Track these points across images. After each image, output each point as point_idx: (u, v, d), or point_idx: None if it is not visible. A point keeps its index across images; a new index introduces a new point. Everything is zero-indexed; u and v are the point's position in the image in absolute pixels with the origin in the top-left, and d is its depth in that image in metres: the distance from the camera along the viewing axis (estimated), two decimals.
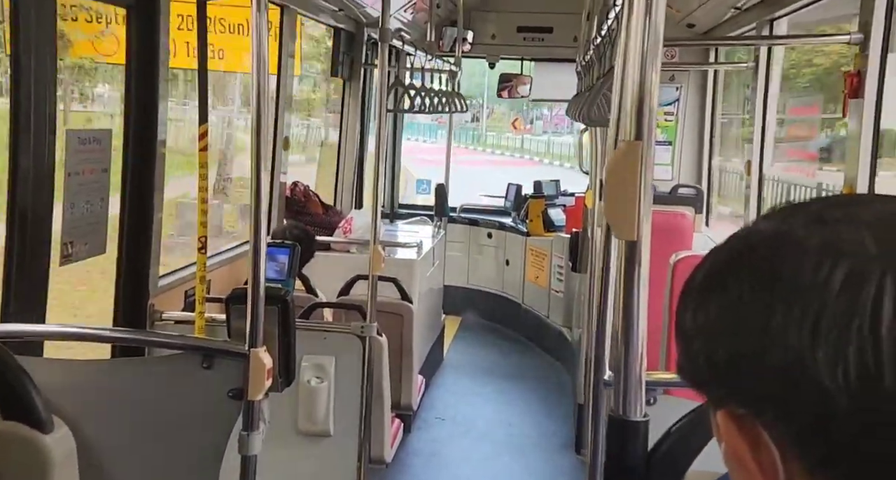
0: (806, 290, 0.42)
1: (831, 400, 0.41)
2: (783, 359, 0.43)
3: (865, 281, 0.41)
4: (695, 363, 0.48)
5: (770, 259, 0.45)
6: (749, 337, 0.44)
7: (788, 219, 0.46)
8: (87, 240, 2.01)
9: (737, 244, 0.48)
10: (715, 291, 0.47)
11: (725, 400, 0.47)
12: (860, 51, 2.03)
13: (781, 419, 0.44)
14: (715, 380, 0.47)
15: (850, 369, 0.41)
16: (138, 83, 2.30)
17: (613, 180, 0.78)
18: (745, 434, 0.46)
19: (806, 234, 0.44)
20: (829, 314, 0.42)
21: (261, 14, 1.47)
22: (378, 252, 2.66)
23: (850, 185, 2.05)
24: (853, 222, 0.44)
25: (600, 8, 2.45)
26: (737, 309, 0.45)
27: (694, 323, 0.48)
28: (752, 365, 0.44)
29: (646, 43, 0.76)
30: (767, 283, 0.44)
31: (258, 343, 1.52)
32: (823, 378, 0.41)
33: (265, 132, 1.52)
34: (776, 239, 0.46)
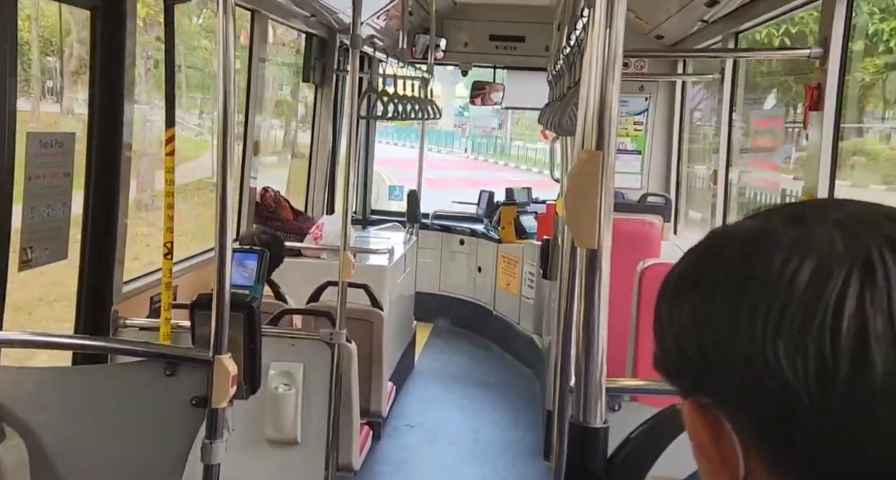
0: (773, 284, 0.43)
1: (791, 392, 0.42)
2: (747, 351, 0.43)
3: (830, 277, 0.42)
4: (668, 354, 0.49)
5: (743, 254, 0.46)
6: (717, 329, 0.45)
7: (768, 218, 0.48)
8: (48, 246, 1.96)
9: (714, 240, 0.49)
10: (690, 285, 0.48)
11: (693, 391, 0.48)
12: (820, 65, 2.08)
13: (743, 409, 0.45)
14: (684, 371, 0.48)
15: (810, 363, 0.42)
16: (103, 86, 2.27)
17: (575, 189, 0.79)
18: (709, 424, 0.47)
19: (782, 231, 0.45)
20: (793, 308, 0.42)
21: (227, 17, 1.46)
22: (348, 258, 2.65)
23: (811, 194, 2.10)
24: (826, 221, 0.45)
25: (569, 18, 2.48)
26: (708, 302, 0.46)
27: (669, 316, 0.49)
28: (719, 355, 0.45)
29: (606, 56, 0.77)
30: (738, 277, 0.45)
31: (223, 349, 1.50)
32: (784, 370, 0.42)
33: (231, 136, 1.51)
34: (753, 235, 0.47)
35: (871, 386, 0.41)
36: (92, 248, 2.31)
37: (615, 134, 0.81)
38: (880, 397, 0.41)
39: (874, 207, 0.47)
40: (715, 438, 0.47)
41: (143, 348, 1.68)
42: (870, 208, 0.47)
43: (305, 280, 3.44)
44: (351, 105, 2.74)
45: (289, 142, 6.33)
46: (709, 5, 3.24)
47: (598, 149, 0.79)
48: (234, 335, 1.57)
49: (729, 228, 0.49)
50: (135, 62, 2.34)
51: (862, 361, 0.41)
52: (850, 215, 0.45)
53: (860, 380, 0.41)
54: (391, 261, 4.18)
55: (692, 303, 0.47)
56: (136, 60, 2.35)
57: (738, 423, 0.45)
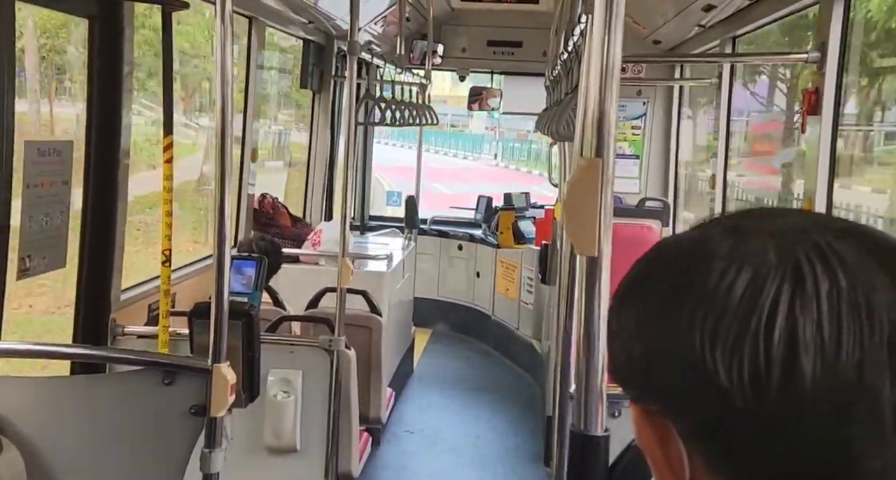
0: (711, 294, 0.45)
1: (727, 399, 0.44)
2: (687, 358, 0.45)
3: (764, 287, 0.44)
4: (618, 360, 0.51)
5: (684, 264, 0.48)
6: (660, 337, 0.47)
7: (710, 228, 0.49)
8: (46, 254, 1.96)
9: (660, 249, 0.51)
10: (636, 293, 0.50)
11: (640, 397, 0.50)
12: (818, 69, 2.09)
13: (685, 415, 0.47)
14: (632, 377, 0.50)
15: (745, 370, 0.43)
16: (101, 93, 2.26)
17: (574, 197, 0.79)
18: (656, 430, 0.48)
19: (720, 242, 0.47)
20: (729, 317, 0.44)
21: (224, 25, 1.46)
22: (346, 264, 2.65)
23: (810, 196, 2.10)
24: (761, 233, 0.47)
25: (567, 24, 2.49)
26: (651, 309, 0.48)
27: (618, 324, 0.51)
28: (662, 362, 0.47)
29: (604, 62, 0.77)
30: (679, 286, 0.47)
31: (221, 358, 1.49)
32: (721, 377, 0.44)
33: (229, 143, 1.51)
34: (694, 245, 0.49)
35: (801, 392, 0.42)
36: (90, 256, 2.30)
37: (614, 141, 0.81)
38: (810, 401, 0.42)
39: (808, 216, 0.49)
40: (662, 443, 0.48)
41: (142, 357, 1.68)
42: (804, 217, 0.48)
43: (304, 286, 3.44)
44: (349, 111, 2.74)
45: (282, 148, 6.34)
46: (706, 10, 3.25)
47: (598, 156, 0.79)
48: (233, 343, 1.56)
49: (674, 238, 0.51)
50: (132, 70, 2.34)
51: (792, 368, 0.42)
52: (783, 226, 0.47)
53: (791, 386, 0.43)
54: (390, 267, 4.17)
55: (637, 311, 0.49)
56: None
57: (682, 428, 0.47)
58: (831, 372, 0.42)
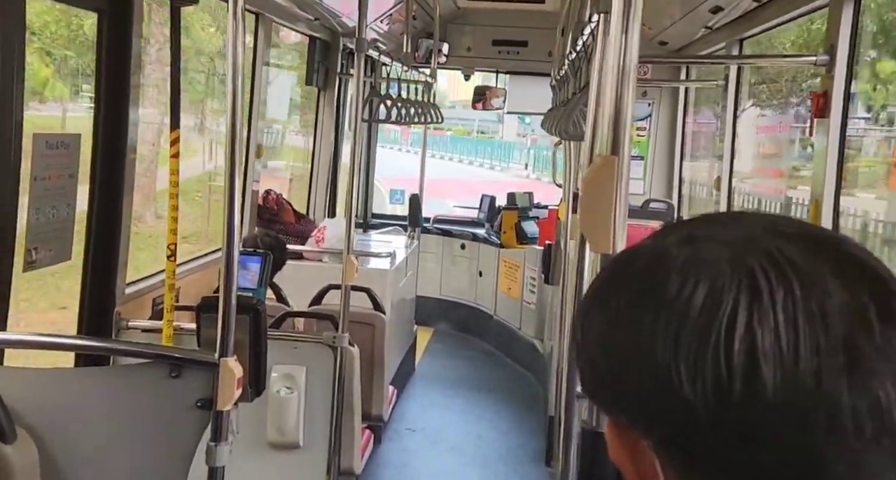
0: (670, 306, 0.45)
1: (692, 410, 0.44)
2: (650, 371, 0.46)
3: (722, 299, 0.44)
4: (583, 373, 0.51)
5: (643, 276, 0.48)
6: (623, 349, 0.47)
7: (665, 237, 0.49)
8: (52, 247, 1.96)
9: (620, 260, 0.51)
10: (599, 305, 0.50)
11: (609, 409, 0.50)
12: (826, 72, 2.08)
13: (653, 428, 0.47)
14: (599, 391, 0.50)
15: (707, 381, 0.44)
16: (109, 87, 2.27)
17: (589, 194, 0.79)
18: (626, 442, 0.49)
19: (675, 253, 0.47)
20: (689, 329, 0.45)
21: (237, 22, 1.46)
22: (351, 261, 2.65)
23: (817, 200, 2.10)
24: (715, 241, 0.47)
25: (574, 24, 2.48)
26: (614, 323, 0.48)
27: (583, 336, 0.51)
28: (625, 375, 0.47)
29: (621, 61, 0.77)
30: (639, 299, 0.47)
31: (229, 352, 1.50)
32: (684, 389, 0.44)
33: (239, 140, 1.51)
34: (652, 256, 0.49)
35: (763, 401, 0.43)
36: (96, 250, 2.31)
37: (630, 139, 0.81)
38: (772, 410, 0.43)
39: (760, 220, 0.49)
40: (633, 456, 0.48)
41: (150, 350, 1.68)
42: (755, 222, 0.48)
43: (307, 283, 3.44)
44: (355, 108, 2.74)
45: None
46: (713, 12, 3.25)
47: (614, 153, 0.79)
48: (240, 337, 1.57)
49: (631, 250, 0.51)
50: (140, 64, 2.34)
51: (753, 378, 0.43)
52: (735, 233, 0.47)
53: (753, 396, 0.43)
54: (393, 265, 4.18)
55: (600, 324, 0.49)
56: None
57: (651, 441, 0.47)
58: (791, 380, 0.42)
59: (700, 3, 3.26)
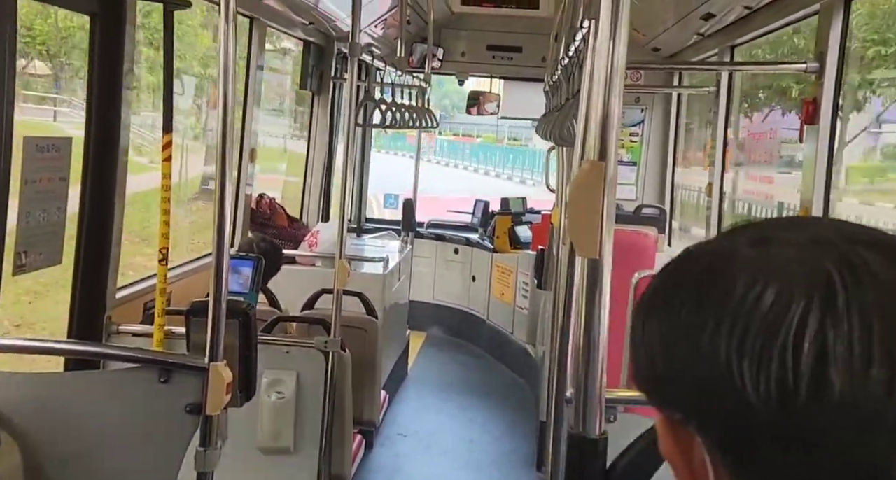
0: (737, 306, 0.45)
1: (753, 411, 0.44)
2: (712, 369, 0.45)
3: (793, 301, 0.44)
4: (641, 370, 0.51)
5: (709, 275, 0.47)
6: (684, 347, 0.47)
7: (736, 237, 0.49)
8: (42, 250, 1.95)
9: (684, 259, 0.51)
10: (660, 304, 0.50)
11: (665, 406, 0.50)
12: (816, 79, 2.10)
13: (709, 426, 0.46)
14: (656, 386, 0.50)
15: (772, 383, 0.43)
16: (101, 90, 2.26)
17: (577, 199, 0.79)
18: (679, 439, 0.48)
19: (746, 253, 0.47)
20: (756, 329, 0.44)
21: (228, 25, 1.46)
22: (344, 266, 2.65)
23: (806, 207, 2.11)
24: (789, 244, 0.46)
25: (567, 30, 2.50)
26: (676, 321, 0.48)
27: (642, 334, 0.50)
28: (686, 373, 0.47)
29: (609, 67, 0.78)
30: (704, 297, 0.47)
31: (218, 357, 1.49)
32: (747, 389, 0.44)
33: (231, 143, 1.51)
34: (719, 256, 0.48)
35: (829, 405, 0.42)
36: (87, 253, 2.30)
37: (616, 145, 0.82)
38: (837, 414, 0.42)
39: (836, 226, 0.48)
40: (685, 453, 0.48)
41: (139, 354, 1.67)
42: (831, 227, 0.48)
43: (300, 287, 3.43)
44: (349, 113, 2.75)
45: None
46: (705, 19, 3.27)
47: (601, 159, 0.80)
48: (230, 342, 1.56)
49: (698, 247, 0.51)
50: (133, 67, 2.34)
51: (821, 382, 0.42)
52: (811, 236, 0.46)
53: (819, 400, 0.42)
54: (386, 270, 4.17)
55: (661, 321, 0.49)
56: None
57: (706, 439, 0.47)
58: (861, 386, 0.42)
59: (692, 10, 3.28)
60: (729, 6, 2.91)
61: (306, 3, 3.65)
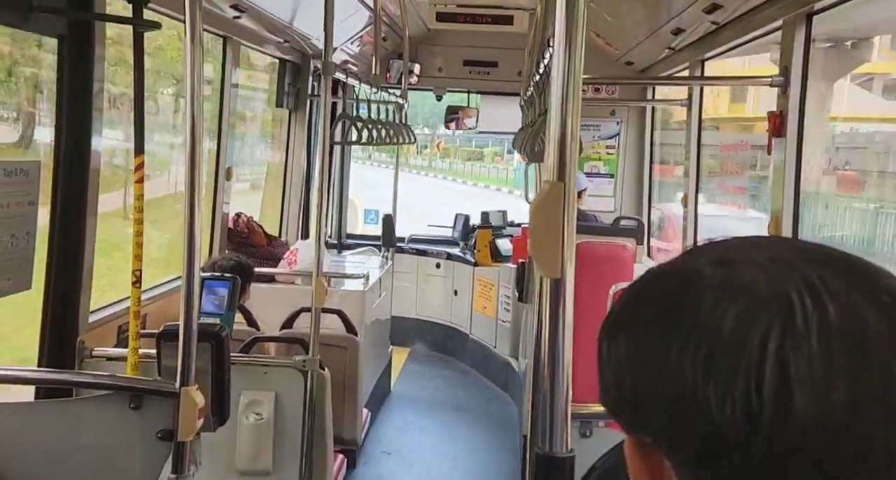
0: (702, 327, 0.45)
1: (720, 433, 0.43)
2: (678, 392, 0.45)
3: (755, 323, 0.43)
4: (607, 392, 0.50)
5: (674, 296, 0.47)
6: (650, 369, 0.46)
7: (698, 257, 0.49)
8: (10, 276, 1.92)
9: (649, 280, 0.51)
10: (625, 324, 0.49)
11: (632, 428, 0.49)
12: (782, 93, 2.13)
13: (677, 447, 0.46)
14: (622, 408, 0.49)
15: (737, 405, 0.43)
16: (71, 113, 2.24)
17: (538, 219, 0.80)
18: (648, 462, 0.48)
19: (709, 273, 0.46)
20: (720, 351, 0.44)
21: (194, 45, 1.46)
22: (321, 284, 2.63)
23: (776, 217, 2.14)
24: (751, 264, 0.46)
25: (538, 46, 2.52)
26: (642, 342, 0.47)
27: (607, 354, 0.50)
28: (653, 395, 0.46)
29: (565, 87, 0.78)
30: (669, 319, 0.46)
31: (189, 381, 1.47)
32: (713, 411, 0.43)
33: (199, 162, 1.50)
34: (682, 276, 0.48)
35: (794, 427, 0.42)
36: (57, 277, 2.26)
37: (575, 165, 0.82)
38: (803, 436, 0.42)
39: (795, 246, 0.48)
40: (654, 475, 0.48)
41: (110, 381, 1.65)
42: (790, 247, 0.48)
43: (279, 306, 3.41)
44: (324, 131, 2.75)
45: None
46: (675, 33, 3.32)
47: (560, 179, 0.80)
48: (202, 365, 1.54)
49: (662, 268, 0.51)
50: (103, 89, 2.32)
51: (785, 404, 0.42)
52: (771, 256, 0.46)
53: (784, 421, 0.42)
54: (367, 286, 4.16)
55: (627, 342, 0.49)
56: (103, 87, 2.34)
57: (675, 462, 0.47)
58: (824, 407, 0.41)
59: (662, 25, 3.33)
60: (697, 21, 2.95)
61: (280, 21, 3.66)
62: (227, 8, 3.18)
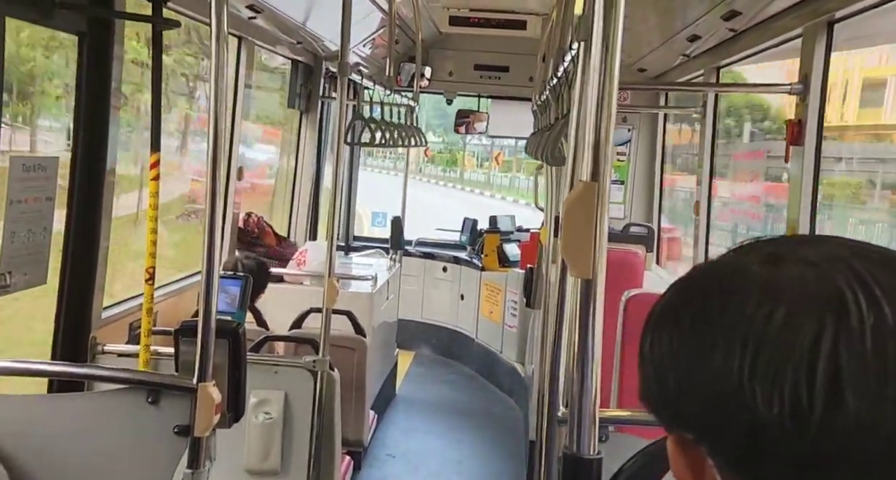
0: (749, 324, 0.44)
1: (766, 430, 0.43)
2: (723, 389, 0.44)
3: (806, 320, 0.43)
4: (650, 389, 0.50)
5: (720, 293, 0.47)
6: (695, 366, 0.46)
7: (746, 255, 0.48)
8: (27, 271, 1.93)
9: (695, 276, 0.50)
10: (669, 320, 0.49)
11: (674, 425, 0.49)
12: (801, 100, 2.13)
13: (720, 445, 0.45)
14: (664, 404, 0.49)
15: (785, 401, 0.42)
16: (88, 110, 2.25)
17: (570, 219, 0.80)
18: (690, 459, 0.48)
19: (757, 271, 0.46)
20: (768, 350, 0.43)
21: (220, 44, 1.46)
22: (332, 285, 2.63)
23: (793, 226, 2.13)
24: (800, 262, 0.45)
25: (556, 51, 2.52)
26: (686, 338, 0.47)
27: (650, 352, 0.50)
28: (696, 392, 0.46)
29: (601, 88, 0.79)
30: (715, 316, 0.46)
31: (207, 377, 1.47)
32: (759, 407, 0.43)
33: (221, 162, 1.51)
34: (730, 274, 0.47)
35: (844, 426, 0.41)
36: (72, 273, 2.27)
37: (610, 165, 0.82)
38: (852, 436, 0.41)
39: (845, 243, 0.48)
40: (696, 472, 0.47)
41: (127, 375, 1.65)
42: (841, 245, 0.47)
43: (288, 306, 3.41)
44: (338, 132, 2.75)
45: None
46: (690, 40, 3.32)
47: (594, 179, 0.80)
48: (219, 362, 1.54)
49: (709, 265, 0.50)
50: (120, 87, 2.33)
51: (836, 401, 0.42)
52: (821, 254, 0.46)
53: (834, 420, 0.42)
54: (375, 288, 4.16)
55: (671, 339, 0.48)
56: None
57: (718, 460, 0.46)
58: (876, 406, 0.41)
59: (678, 32, 3.33)
60: (714, 28, 2.95)
61: (294, 22, 3.67)
62: (243, 8, 3.19)
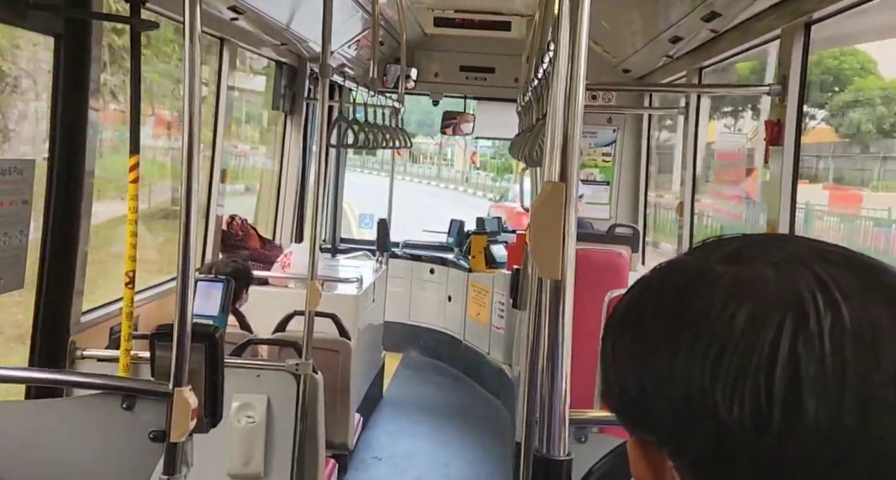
0: (711, 327, 0.43)
1: (727, 433, 0.42)
2: (685, 391, 0.44)
3: (766, 322, 0.42)
4: (611, 391, 0.49)
5: (682, 294, 0.46)
6: (656, 367, 0.45)
7: (708, 254, 0.48)
8: (3, 275, 1.91)
9: (656, 277, 0.49)
10: (631, 322, 0.48)
11: (636, 428, 0.48)
12: (779, 101, 2.14)
13: (682, 448, 0.45)
14: (626, 407, 0.48)
15: (746, 405, 0.42)
16: (66, 112, 2.23)
17: (539, 220, 0.79)
18: (651, 462, 0.47)
19: (719, 271, 0.45)
20: (730, 351, 0.43)
21: (193, 45, 1.45)
22: (315, 287, 2.62)
23: (773, 225, 2.14)
24: (762, 262, 0.45)
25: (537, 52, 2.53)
26: (648, 341, 0.46)
27: (612, 353, 0.49)
28: (658, 393, 0.45)
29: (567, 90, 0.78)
30: (677, 317, 0.45)
31: (183, 381, 1.46)
32: (721, 412, 0.42)
33: (196, 164, 1.49)
34: (692, 274, 0.47)
35: (804, 429, 0.41)
36: (49, 277, 2.25)
37: (578, 165, 0.82)
38: (812, 439, 0.41)
39: (808, 244, 0.47)
40: (657, 476, 0.47)
41: (101, 380, 1.63)
42: (803, 245, 0.47)
43: (273, 309, 3.39)
44: (320, 134, 2.74)
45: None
46: (673, 41, 3.33)
47: (562, 180, 0.80)
48: (196, 366, 1.53)
49: (670, 265, 0.50)
50: (99, 89, 2.31)
51: (795, 405, 0.41)
52: (783, 255, 0.45)
53: (794, 423, 0.41)
54: (360, 290, 4.14)
55: (633, 341, 0.48)
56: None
57: (679, 461, 0.46)
58: (835, 410, 0.41)
59: (660, 33, 3.34)
60: (695, 30, 2.97)
61: (277, 24, 3.66)
62: (225, 9, 3.17)
